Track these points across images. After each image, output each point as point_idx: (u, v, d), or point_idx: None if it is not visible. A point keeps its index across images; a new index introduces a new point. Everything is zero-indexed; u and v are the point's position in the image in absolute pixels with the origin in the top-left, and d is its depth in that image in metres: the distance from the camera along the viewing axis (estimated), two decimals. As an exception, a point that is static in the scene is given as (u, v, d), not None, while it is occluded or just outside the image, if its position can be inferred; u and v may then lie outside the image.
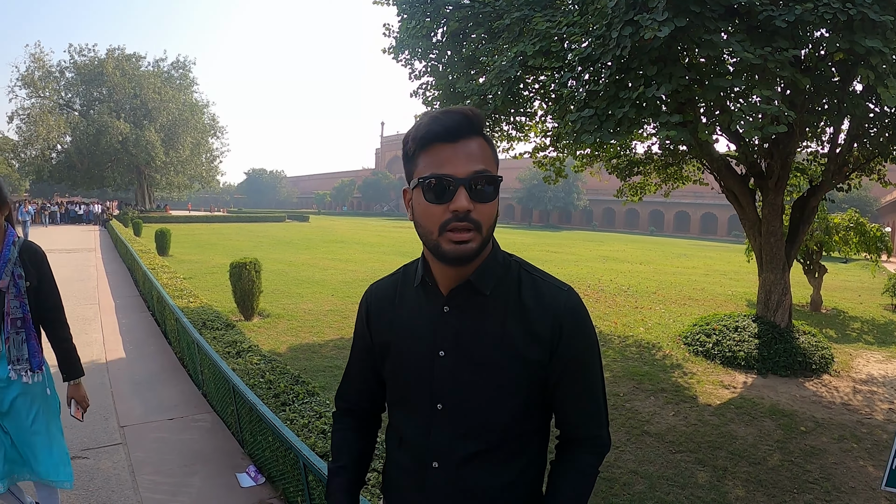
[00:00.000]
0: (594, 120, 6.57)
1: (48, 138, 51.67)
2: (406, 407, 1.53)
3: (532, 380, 1.42)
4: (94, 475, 4.69)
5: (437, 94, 10.74)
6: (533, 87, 9.97)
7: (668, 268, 24.22)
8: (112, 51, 56.89)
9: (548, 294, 1.43)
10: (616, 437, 5.98)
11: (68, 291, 13.13)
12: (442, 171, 1.31)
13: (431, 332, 1.46)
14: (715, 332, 9.49)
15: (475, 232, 1.32)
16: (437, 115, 1.35)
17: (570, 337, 1.40)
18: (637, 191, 13.03)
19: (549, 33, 7.32)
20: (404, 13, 10.10)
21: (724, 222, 69.90)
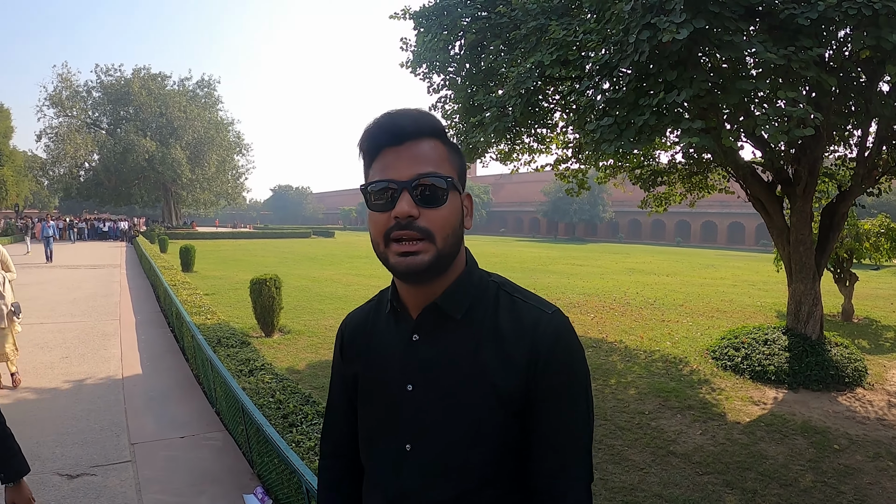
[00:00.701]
0: (614, 129, 6.40)
1: (76, 156, 52.85)
2: (376, 445, 1.35)
3: (509, 417, 1.22)
4: (101, 493, 4.63)
5: (456, 107, 10.65)
6: (553, 98, 9.84)
7: (695, 279, 23.82)
8: (138, 70, 58.23)
9: (528, 317, 1.25)
10: (641, 457, 5.76)
11: (91, 307, 13.26)
12: (385, 176, 1.20)
13: (400, 362, 1.30)
14: (744, 345, 9.21)
15: (426, 242, 1.17)
16: (381, 118, 1.24)
17: (547, 365, 1.20)
18: (661, 201, 12.80)
19: (566, 42, 7.19)
20: (421, 27, 10.04)
21: (751, 231, 68.90)
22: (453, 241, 1.22)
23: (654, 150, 10.89)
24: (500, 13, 8.74)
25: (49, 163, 55.08)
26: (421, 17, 9.96)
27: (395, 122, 1.22)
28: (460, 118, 10.52)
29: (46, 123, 55.58)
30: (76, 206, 78.03)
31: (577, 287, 19.70)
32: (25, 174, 59.01)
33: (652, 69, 6.07)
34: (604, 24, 6.74)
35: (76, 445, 5.54)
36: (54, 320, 11.69)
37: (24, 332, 10.23)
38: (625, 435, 6.29)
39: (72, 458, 5.27)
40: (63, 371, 8.12)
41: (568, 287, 19.65)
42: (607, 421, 6.69)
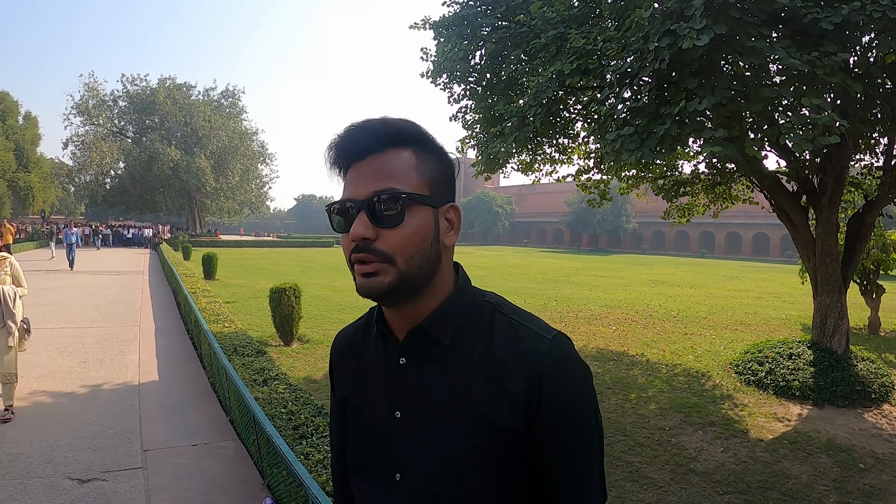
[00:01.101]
0: (634, 138, 6.29)
1: (102, 164, 53.81)
2: (364, 474, 1.25)
3: (504, 452, 1.11)
4: (110, 499, 4.63)
5: (477, 117, 10.59)
6: (574, 108, 9.76)
7: (718, 291, 23.53)
8: (163, 80, 59.30)
9: (526, 342, 1.13)
10: (660, 475, 5.62)
11: (111, 313, 13.35)
12: (346, 195, 1.13)
13: (387, 387, 1.21)
14: (768, 359, 9.00)
15: (385, 264, 1.09)
16: (342, 132, 1.16)
17: (552, 398, 1.09)
18: (685, 212, 12.64)
19: (586, 50, 7.11)
20: (441, 37, 10.00)
21: (776, 242, 68.04)
22: (422, 261, 1.12)
23: (676, 160, 10.76)
24: (520, 22, 8.68)
25: (75, 170, 56.25)
26: (441, 27, 9.92)
27: (353, 137, 1.14)
28: (481, 128, 10.47)
29: (73, 131, 57.03)
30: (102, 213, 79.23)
31: (600, 299, 19.54)
32: (52, 181, 60.14)
33: (673, 77, 5.98)
34: (623, 32, 6.66)
35: (89, 450, 5.55)
36: (75, 325, 11.79)
37: (44, 337, 10.38)
38: (644, 451, 6.15)
39: (84, 462, 5.27)
40: (80, 376, 8.15)
41: (590, 299, 19.49)
42: (626, 437, 6.56)
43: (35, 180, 56.00)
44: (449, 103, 10.86)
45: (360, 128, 1.14)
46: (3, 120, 56.48)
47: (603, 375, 9.09)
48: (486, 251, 62.00)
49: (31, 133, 59.13)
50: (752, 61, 5.55)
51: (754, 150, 6.02)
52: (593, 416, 1.13)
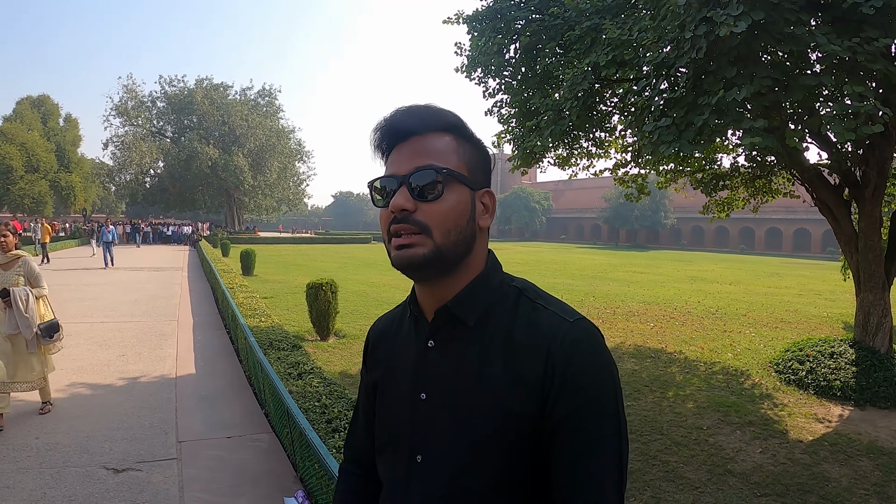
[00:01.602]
0: (672, 130, 6.18)
1: (141, 163, 54.93)
2: (388, 456, 1.27)
3: (520, 438, 1.09)
4: (144, 488, 4.68)
5: (513, 111, 10.52)
6: (610, 100, 9.64)
7: (758, 288, 23.14)
8: (200, 81, 60.47)
9: (545, 325, 1.12)
10: (697, 476, 5.51)
11: (150, 308, 13.55)
12: (388, 172, 1.18)
13: (415, 369, 1.22)
14: (808, 358, 8.80)
15: (422, 236, 1.11)
16: (388, 116, 1.20)
17: (565, 382, 1.06)
18: (724, 207, 12.42)
19: (621, 41, 7.00)
20: (474, 31, 9.94)
21: (818, 238, 66.73)
22: (457, 237, 1.14)
23: (715, 152, 10.57)
24: (554, 14, 8.59)
25: (116, 169, 57.57)
26: (474, 21, 9.86)
27: (400, 119, 1.19)
28: (517, 122, 10.39)
29: (113, 132, 58.34)
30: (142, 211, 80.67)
31: (638, 295, 19.33)
32: (93, 180, 61.65)
33: (710, 66, 5.85)
34: (659, 21, 6.53)
35: (125, 441, 5.62)
36: (115, 320, 11.99)
37: (84, 331, 10.56)
38: (681, 451, 6.04)
39: (119, 452, 5.34)
40: (119, 368, 8.28)
41: (628, 295, 19.30)
42: (663, 436, 6.46)
43: (76, 180, 57.35)
44: (484, 98, 10.78)
45: (404, 111, 1.19)
46: (45, 122, 58.07)
47: (640, 373, 8.98)
48: (524, 247, 61.86)
49: (72, 134, 60.51)
50: (791, 48, 5.41)
51: (795, 140, 5.87)
52: (612, 407, 1.08)
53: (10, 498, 4.43)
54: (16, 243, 5.98)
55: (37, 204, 52.49)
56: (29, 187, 51.03)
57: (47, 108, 59.51)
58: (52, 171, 54.43)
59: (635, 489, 5.08)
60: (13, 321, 5.93)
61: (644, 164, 10.68)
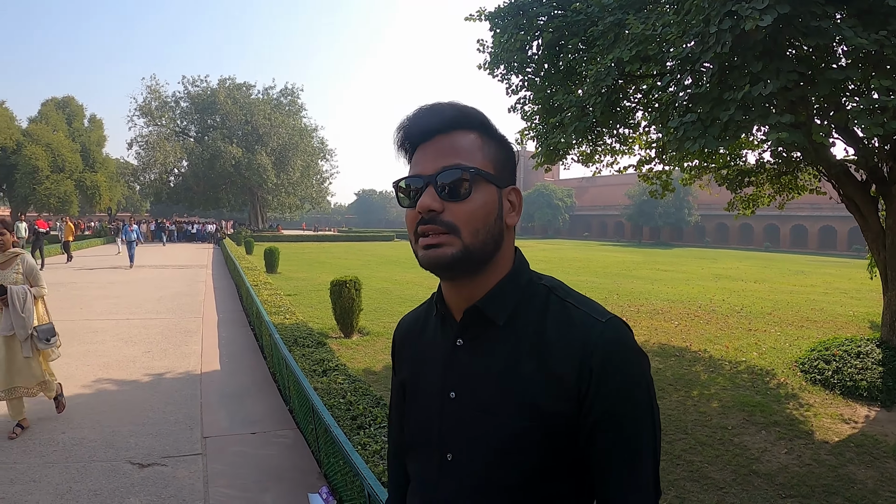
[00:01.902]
0: (698, 125, 6.12)
1: (165, 163, 55.60)
2: (418, 453, 1.28)
3: (553, 436, 1.09)
4: (169, 483, 4.72)
5: (536, 108, 10.48)
6: (634, 96, 9.58)
7: (784, 286, 22.89)
8: (223, 81, 61.09)
9: (578, 325, 1.11)
10: (721, 476, 5.46)
11: (175, 305, 13.66)
12: (413, 172, 1.17)
13: (443, 369, 1.22)
14: (835, 358, 8.67)
15: (451, 236, 1.11)
16: (412, 115, 1.20)
17: (602, 383, 1.06)
18: (749, 203, 12.28)
19: (645, 36, 6.95)
20: (496, 28, 9.92)
21: (843, 235, 65.84)
22: (486, 236, 1.14)
23: (740, 148, 10.47)
24: (577, 10, 8.56)
25: (140, 169, 58.30)
26: (496, 18, 9.84)
27: (423, 117, 1.18)
28: (540, 119, 10.36)
29: (137, 132, 59.03)
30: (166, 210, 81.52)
31: (662, 293, 19.21)
32: (118, 180, 62.37)
33: (736, 61, 5.79)
34: (683, 16, 6.47)
35: (150, 436, 5.68)
36: (140, 317, 12.11)
37: (109, 327, 10.68)
38: (705, 451, 5.99)
39: (145, 448, 5.39)
40: (144, 365, 8.36)
41: (652, 293, 19.18)
42: (688, 435, 6.40)
43: (101, 179, 58.07)
44: (507, 94, 10.76)
45: (428, 110, 1.19)
46: (70, 123, 58.89)
47: (665, 371, 8.91)
48: (547, 244, 61.73)
49: (97, 135, 61.26)
50: (817, 42, 5.32)
51: (821, 136, 5.79)
52: (647, 404, 1.09)
53: (36, 492, 4.49)
54: (14, 241, 5.86)
55: (62, 203, 53.22)
56: (55, 187, 51.76)
57: (72, 109, 60.29)
58: (78, 171, 55.17)
59: (660, 488, 5.04)
60: (9, 321, 5.61)
61: (669, 161, 10.60)
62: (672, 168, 11.18)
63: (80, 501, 4.36)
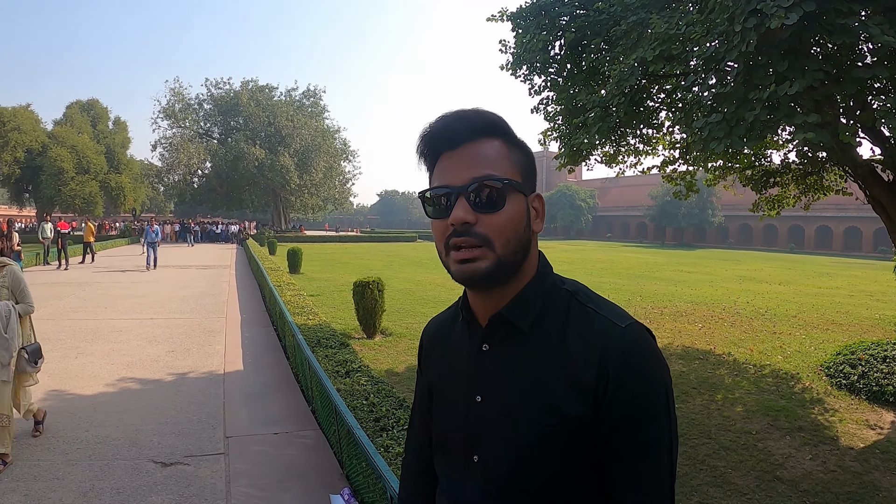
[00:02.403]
0: (723, 125, 6.05)
1: (189, 164, 56.19)
2: (445, 454, 1.31)
3: (574, 440, 1.10)
4: (192, 482, 4.75)
5: (559, 108, 10.42)
6: (658, 96, 9.50)
7: (808, 288, 22.65)
8: (246, 83, 61.60)
9: (598, 330, 1.12)
10: (745, 482, 5.40)
11: (199, 305, 13.76)
12: (441, 182, 1.16)
13: (469, 373, 1.24)
14: (861, 362, 8.54)
15: (484, 248, 1.11)
16: (435, 122, 1.20)
17: (619, 387, 1.08)
18: (774, 204, 12.13)
19: (669, 35, 6.88)
20: (519, 28, 9.87)
21: (869, 237, 64.97)
22: (517, 246, 1.15)
23: (765, 148, 10.34)
24: (599, 10, 8.50)
25: (164, 170, 59.00)
26: (518, 18, 9.80)
27: (449, 124, 1.17)
28: (563, 120, 10.29)
29: (161, 134, 59.54)
30: (190, 211, 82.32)
31: (685, 295, 19.07)
32: (142, 181, 63.12)
33: (760, 60, 5.71)
34: (707, 14, 6.40)
35: (173, 435, 5.73)
36: (164, 316, 12.23)
37: (133, 327, 10.79)
38: (729, 456, 5.93)
39: (168, 447, 5.44)
40: (168, 364, 8.43)
41: (675, 295, 19.05)
42: (711, 440, 6.34)
43: (126, 181, 58.84)
44: (530, 95, 10.71)
45: (454, 117, 1.18)
46: (94, 125, 59.76)
47: (688, 374, 8.84)
48: (569, 245, 61.55)
49: (121, 137, 62.08)
50: (843, 40, 5.24)
51: (847, 136, 5.71)
52: (665, 412, 1.10)
53: (59, 489, 4.54)
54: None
55: (87, 204, 53.94)
56: (80, 188, 52.49)
57: (97, 111, 61.15)
58: (103, 173, 55.94)
59: (682, 494, 5.00)
60: None
61: (693, 161, 10.50)
62: (696, 169, 11.07)
63: (103, 499, 4.41)
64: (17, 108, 52.49)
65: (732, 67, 6.21)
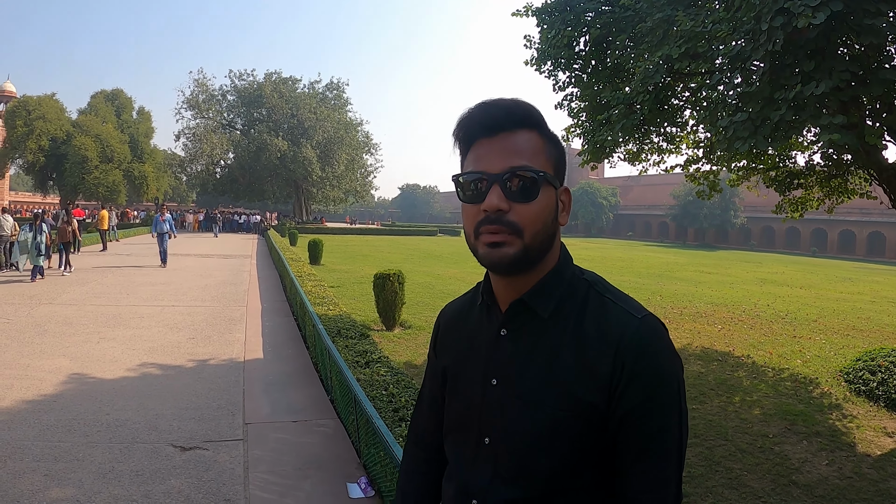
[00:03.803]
0: (748, 125, 6.01)
1: (212, 155, 56.54)
2: (456, 436, 1.34)
3: (586, 427, 1.14)
4: (210, 467, 4.81)
5: (583, 105, 10.40)
6: (682, 94, 9.45)
7: (830, 293, 22.42)
8: (269, 75, 61.84)
9: (615, 320, 1.16)
10: (760, 485, 5.36)
11: (220, 293, 13.88)
12: (476, 168, 1.18)
13: (486, 357, 1.27)
14: (880, 369, 8.43)
15: (513, 236, 1.15)
16: (474, 108, 1.23)
17: (632, 377, 1.11)
18: (797, 206, 12.01)
19: (695, 33, 6.85)
20: (544, 23, 9.84)
21: (893, 242, 64.17)
22: (543, 237, 1.19)
23: (789, 149, 10.25)
24: (625, 6, 8.47)
25: (187, 160, 59.42)
26: (543, 14, 9.77)
27: (488, 112, 1.20)
28: (587, 116, 10.26)
29: (184, 124, 59.99)
30: (212, 201, 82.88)
31: (705, 296, 18.96)
32: (165, 171, 63.77)
33: (787, 60, 5.67)
34: (734, 13, 6.35)
35: (193, 420, 5.80)
36: (185, 304, 12.37)
37: (155, 314, 10.91)
38: (745, 458, 5.90)
39: (187, 431, 5.51)
40: (188, 351, 8.52)
41: (695, 295, 18.95)
42: (728, 441, 6.30)
43: (149, 170, 59.58)
44: (554, 91, 10.66)
45: (494, 105, 1.21)
46: (119, 115, 60.42)
47: (707, 376, 8.80)
48: (590, 244, 61.35)
49: (145, 126, 62.70)
50: (871, 41, 5.19)
51: (874, 138, 5.66)
52: (675, 403, 1.13)
53: (79, 470, 4.61)
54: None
55: (111, 192, 54.63)
56: (103, 176, 53.20)
57: (121, 101, 61.80)
58: (126, 162, 56.67)
59: (697, 495, 4.99)
60: None
61: (717, 160, 10.43)
62: (720, 168, 11.00)
63: (122, 481, 4.47)
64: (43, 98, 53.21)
65: (758, 66, 6.18)
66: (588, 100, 9.90)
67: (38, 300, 11.95)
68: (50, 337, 8.85)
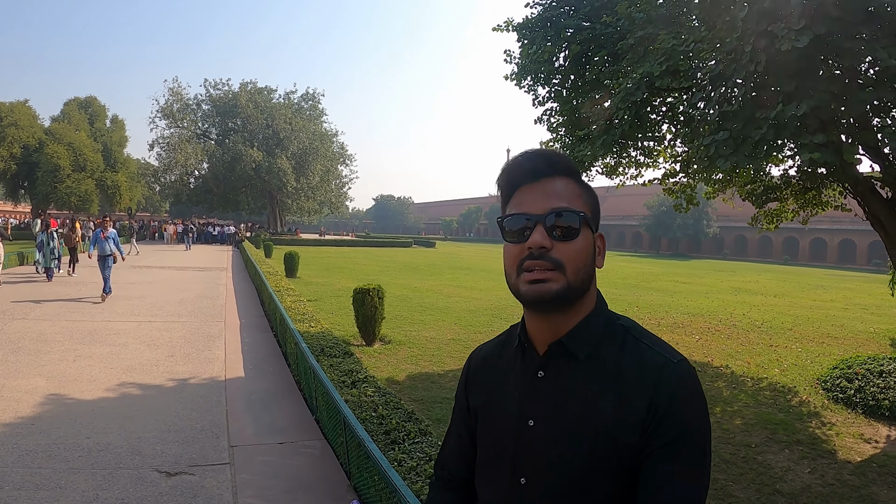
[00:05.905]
0: (729, 143, 6.09)
1: (186, 164, 56.34)
2: (491, 476, 1.36)
3: (622, 467, 1.18)
4: (197, 493, 4.71)
5: (562, 119, 10.46)
6: (660, 109, 9.53)
7: (803, 301, 22.74)
8: (245, 84, 61.68)
9: (651, 364, 1.21)
10: (745, 494, 5.43)
11: (197, 308, 13.71)
12: (520, 210, 1.27)
13: (522, 398, 1.31)
14: (857, 376, 8.60)
15: (557, 272, 1.21)
16: (518, 157, 1.33)
17: (667, 415, 1.16)
18: (773, 218, 12.18)
19: (676, 51, 6.93)
20: (524, 38, 9.91)
21: (863, 249, 65.32)
22: (584, 276, 1.25)
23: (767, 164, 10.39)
24: (605, 23, 8.55)
25: (161, 170, 59.16)
26: (524, 29, 9.84)
27: (531, 161, 1.30)
28: (566, 131, 10.35)
29: (158, 134, 59.36)
30: (185, 211, 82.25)
31: (681, 306, 19.12)
32: (138, 180, 63.12)
33: (768, 80, 5.76)
34: (716, 33, 6.45)
35: (176, 443, 5.68)
36: (162, 319, 12.18)
37: (132, 329, 10.78)
38: (729, 469, 5.97)
39: (171, 455, 5.39)
40: (168, 369, 8.38)
41: (672, 306, 19.10)
42: (712, 452, 6.35)
43: (122, 179, 58.80)
44: (534, 106, 10.73)
45: (536, 154, 1.31)
46: (92, 123, 59.55)
47: (687, 386, 8.85)
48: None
49: (119, 135, 61.89)
50: (851, 63, 5.30)
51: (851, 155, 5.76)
52: (704, 439, 1.18)
53: (62, 498, 4.46)
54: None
55: (83, 202, 53.80)
56: (76, 185, 52.32)
57: (94, 109, 60.90)
58: (99, 171, 55.81)
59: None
60: None
61: (695, 175, 10.53)
62: (697, 182, 11.11)
63: (109, 509, 4.36)
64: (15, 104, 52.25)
65: (739, 85, 6.25)
66: (567, 115, 9.97)
67: (10, 315, 11.70)
68: (24, 355, 8.63)
